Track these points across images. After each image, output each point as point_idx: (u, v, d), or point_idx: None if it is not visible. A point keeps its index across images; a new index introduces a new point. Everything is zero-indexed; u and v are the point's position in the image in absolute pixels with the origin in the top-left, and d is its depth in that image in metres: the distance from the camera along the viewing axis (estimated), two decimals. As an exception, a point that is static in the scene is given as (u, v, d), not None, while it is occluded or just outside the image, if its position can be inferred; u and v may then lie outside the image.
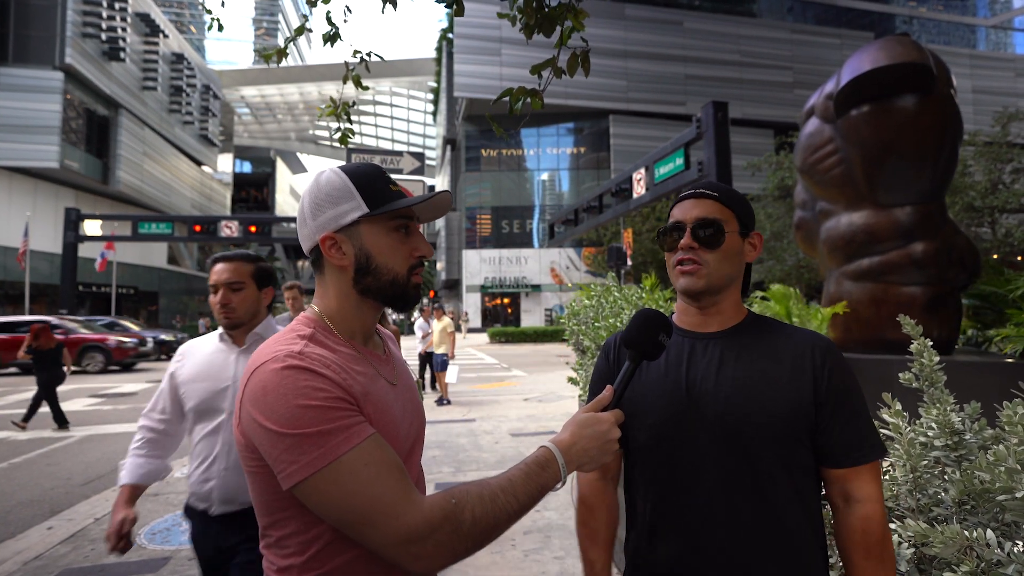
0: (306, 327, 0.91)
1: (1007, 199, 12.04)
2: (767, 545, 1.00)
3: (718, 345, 1.09)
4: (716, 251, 1.08)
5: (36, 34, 28.47)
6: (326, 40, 2.33)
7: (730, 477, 1.01)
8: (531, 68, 2.08)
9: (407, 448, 0.95)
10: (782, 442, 1.01)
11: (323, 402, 0.78)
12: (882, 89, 4.76)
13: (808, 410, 1.02)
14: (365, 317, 0.96)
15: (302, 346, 0.85)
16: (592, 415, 0.94)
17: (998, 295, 5.15)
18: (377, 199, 0.92)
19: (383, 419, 0.88)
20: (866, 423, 1.06)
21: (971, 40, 39.59)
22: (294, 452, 0.76)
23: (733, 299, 1.13)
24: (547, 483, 0.86)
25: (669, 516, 1.06)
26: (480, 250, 31.81)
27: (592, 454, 0.91)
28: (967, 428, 1.91)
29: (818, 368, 1.03)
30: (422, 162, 5.05)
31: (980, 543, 1.30)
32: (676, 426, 1.05)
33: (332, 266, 0.93)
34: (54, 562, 3.39)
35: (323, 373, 0.81)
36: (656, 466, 1.08)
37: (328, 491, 0.76)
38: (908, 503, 1.72)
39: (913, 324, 2.12)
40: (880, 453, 1.05)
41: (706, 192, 1.11)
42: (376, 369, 0.94)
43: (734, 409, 1.02)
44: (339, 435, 0.77)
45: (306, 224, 0.94)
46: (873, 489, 1.04)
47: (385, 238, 0.93)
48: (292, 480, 0.76)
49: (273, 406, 0.77)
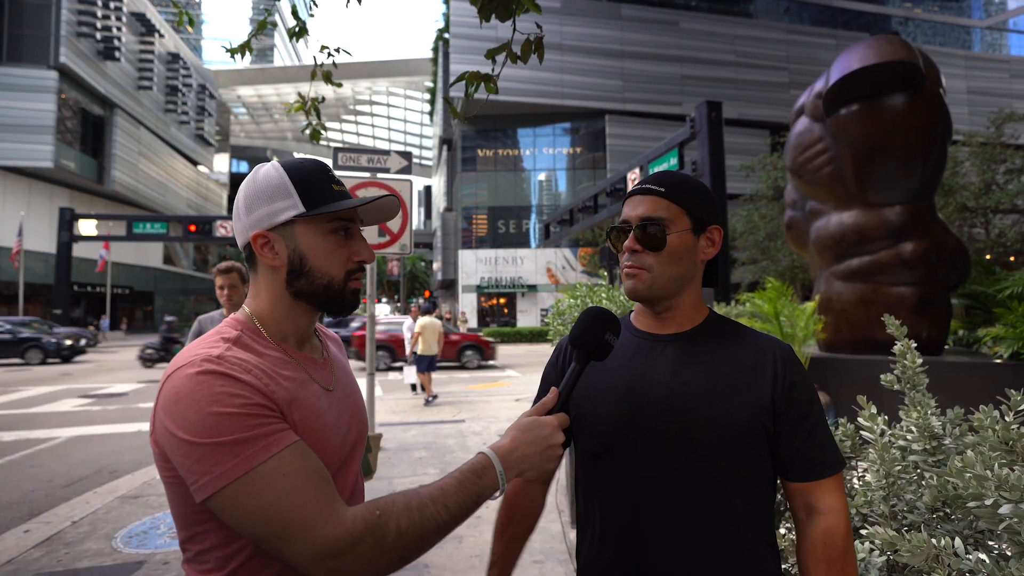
0: (233, 329, 0.87)
1: (1000, 200, 12.05)
2: (722, 560, 0.95)
3: (675, 348, 1.04)
4: (660, 253, 1.01)
5: (30, 33, 28.37)
6: (291, 35, 2.28)
7: (684, 487, 0.96)
8: (486, 52, 2.05)
9: (343, 456, 0.90)
10: (739, 451, 0.96)
11: (239, 409, 0.73)
12: (871, 88, 4.73)
13: (766, 418, 0.97)
14: (299, 320, 0.92)
15: (223, 350, 0.80)
16: (534, 419, 0.89)
17: (987, 295, 5.12)
18: (315, 199, 0.87)
19: (312, 426, 0.83)
20: (827, 434, 1.02)
21: (966, 41, 39.67)
22: (206, 463, 0.71)
23: (691, 300, 1.07)
24: (483, 492, 0.82)
25: (620, 526, 1.00)
26: (476, 250, 31.78)
27: (533, 460, 0.87)
28: (947, 432, 1.87)
29: (779, 376, 0.99)
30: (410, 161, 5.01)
31: (948, 552, 1.26)
32: (627, 432, 1.00)
33: (264, 266, 0.89)
34: (26, 566, 3.33)
35: (241, 378, 0.76)
36: (606, 473, 1.03)
37: (242, 504, 0.72)
38: (882, 509, 1.68)
39: (898, 325, 2.08)
40: (842, 465, 1.01)
41: (651, 188, 1.03)
42: (309, 374, 0.89)
43: (689, 415, 0.97)
44: (256, 444, 0.73)
45: (240, 219, 0.89)
46: (837, 500, 1.00)
47: (321, 240, 0.88)
48: (204, 492, 0.72)
49: (185, 414, 0.73)
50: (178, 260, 42.63)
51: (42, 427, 7.58)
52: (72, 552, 3.51)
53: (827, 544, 0.98)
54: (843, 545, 0.99)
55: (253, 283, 0.92)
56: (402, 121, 59.18)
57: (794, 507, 1.03)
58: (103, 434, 7.20)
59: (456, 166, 34.42)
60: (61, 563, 3.37)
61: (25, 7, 28.38)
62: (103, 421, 8.08)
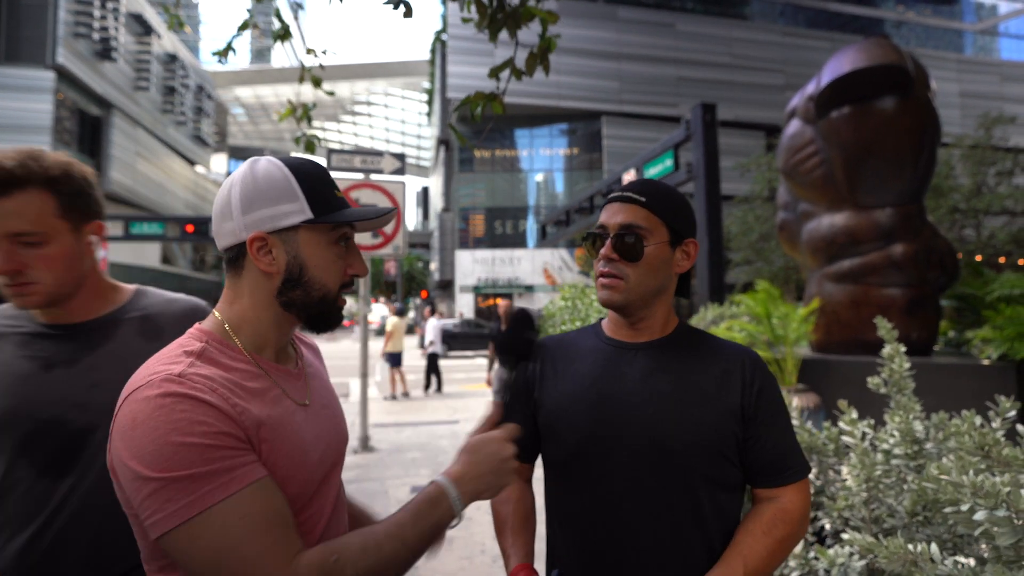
0: (196, 341, 0.80)
1: (991, 202, 12.13)
2: (690, 562, 0.95)
3: (646, 356, 1.04)
4: (637, 264, 1.00)
5: (27, 34, 28.25)
6: (275, 38, 2.27)
7: (654, 493, 0.96)
8: (489, 71, 2.03)
9: (322, 474, 0.85)
10: (709, 457, 0.96)
11: (200, 439, 0.68)
12: (862, 91, 4.76)
13: (736, 425, 0.98)
14: (282, 331, 0.87)
15: (185, 366, 0.74)
16: (480, 438, 0.86)
17: (976, 297, 5.15)
18: (323, 205, 0.83)
19: (285, 446, 0.78)
20: (794, 440, 1.03)
21: (958, 45, 39.84)
22: (158, 498, 0.66)
23: (663, 310, 1.07)
24: (441, 521, 0.79)
25: (590, 538, 1.00)
26: (473, 250, 31.76)
27: (488, 479, 0.83)
28: (929, 437, 1.88)
29: (747, 382, 0.99)
30: (403, 162, 5.00)
31: (924, 557, 1.27)
32: (598, 442, 0.99)
33: (256, 270, 0.82)
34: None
35: (206, 400, 0.71)
36: (576, 484, 1.02)
37: (194, 546, 0.67)
38: (862, 513, 1.68)
39: (889, 327, 2.09)
40: (807, 470, 1.02)
41: (632, 196, 1.02)
42: (282, 388, 0.84)
43: (660, 423, 0.97)
44: (214, 480, 0.68)
45: (231, 217, 0.81)
46: (800, 501, 1.00)
47: (324, 250, 0.84)
48: (156, 531, 0.67)
49: (142, 442, 0.67)
50: (176, 260, 42.53)
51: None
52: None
53: (776, 513, 0.97)
54: (793, 520, 0.98)
55: (231, 287, 0.85)
56: (400, 122, 59.20)
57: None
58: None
59: (453, 167, 34.42)
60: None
61: (22, 7, 28.28)
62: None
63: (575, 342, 1.12)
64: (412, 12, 1.88)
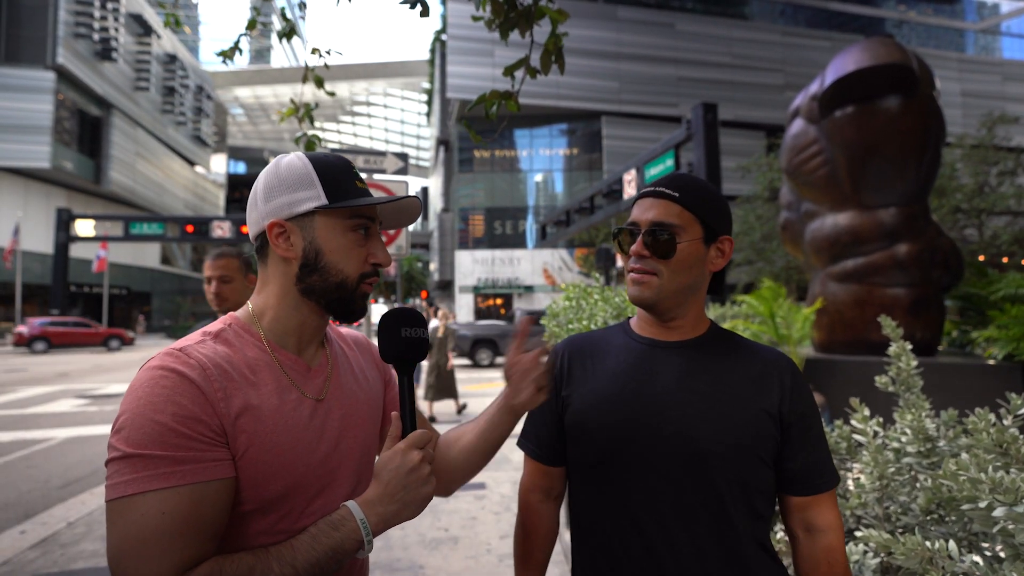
0: (222, 323, 0.85)
1: (994, 201, 12.14)
2: (722, 566, 0.93)
3: (680, 356, 1.00)
4: (669, 261, 0.96)
5: (28, 34, 28.25)
6: (280, 36, 2.26)
7: (690, 500, 0.93)
8: (504, 70, 2.03)
9: (323, 474, 0.84)
10: (744, 461, 0.94)
11: (170, 420, 0.70)
12: (866, 90, 4.75)
13: (774, 429, 0.96)
14: (304, 320, 0.87)
15: (194, 342, 0.79)
16: (381, 459, 0.81)
17: (981, 297, 5.15)
18: (339, 192, 0.84)
19: (272, 437, 0.78)
20: (826, 448, 1.01)
21: (960, 44, 39.87)
22: (111, 467, 0.70)
23: (695, 310, 1.03)
24: (342, 544, 0.75)
25: (619, 543, 0.97)
26: (473, 251, 31.74)
27: (401, 496, 0.78)
28: (941, 435, 1.88)
29: (786, 388, 0.97)
30: (406, 162, 4.98)
31: (942, 554, 1.27)
32: (629, 442, 0.96)
33: (276, 257, 0.85)
34: (22, 567, 3.32)
35: (191, 378, 0.73)
36: (605, 487, 0.99)
37: (113, 525, 0.68)
38: (876, 511, 1.68)
39: (894, 326, 2.09)
40: (838, 480, 1.01)
41: (666, 192, 0.98)
42: (292, 380, 0.84)
43: (697, 425, 0.93)
44: (159, 467, 0.69)
45: (256, 207, 0.85)
46: (834, 517, 0.99)
47: (341, 236, 0.85)
48: (105, 496, 0.70)
49: (124, 409, 0.72)
50: (175, 261, 42.51)
51: (39, 428, 7.55)
52: (68, 553, 3.50)
53: (830, 563, 0.97)
54: (844, 564, 0.99)
55: (261, 277, 0.88)
56: (399, 122, 59.21)
57: (790, 521, 1.01)
58: (100, 435, 7.17)
59: (453, 167, 34.40)
60: (57, 564, 3.36)
61: (22, 8, 28.27)
62: (100, 421, 8.04)
63: (604, 339, 1.09)
64: (429, 11, 1.87)
